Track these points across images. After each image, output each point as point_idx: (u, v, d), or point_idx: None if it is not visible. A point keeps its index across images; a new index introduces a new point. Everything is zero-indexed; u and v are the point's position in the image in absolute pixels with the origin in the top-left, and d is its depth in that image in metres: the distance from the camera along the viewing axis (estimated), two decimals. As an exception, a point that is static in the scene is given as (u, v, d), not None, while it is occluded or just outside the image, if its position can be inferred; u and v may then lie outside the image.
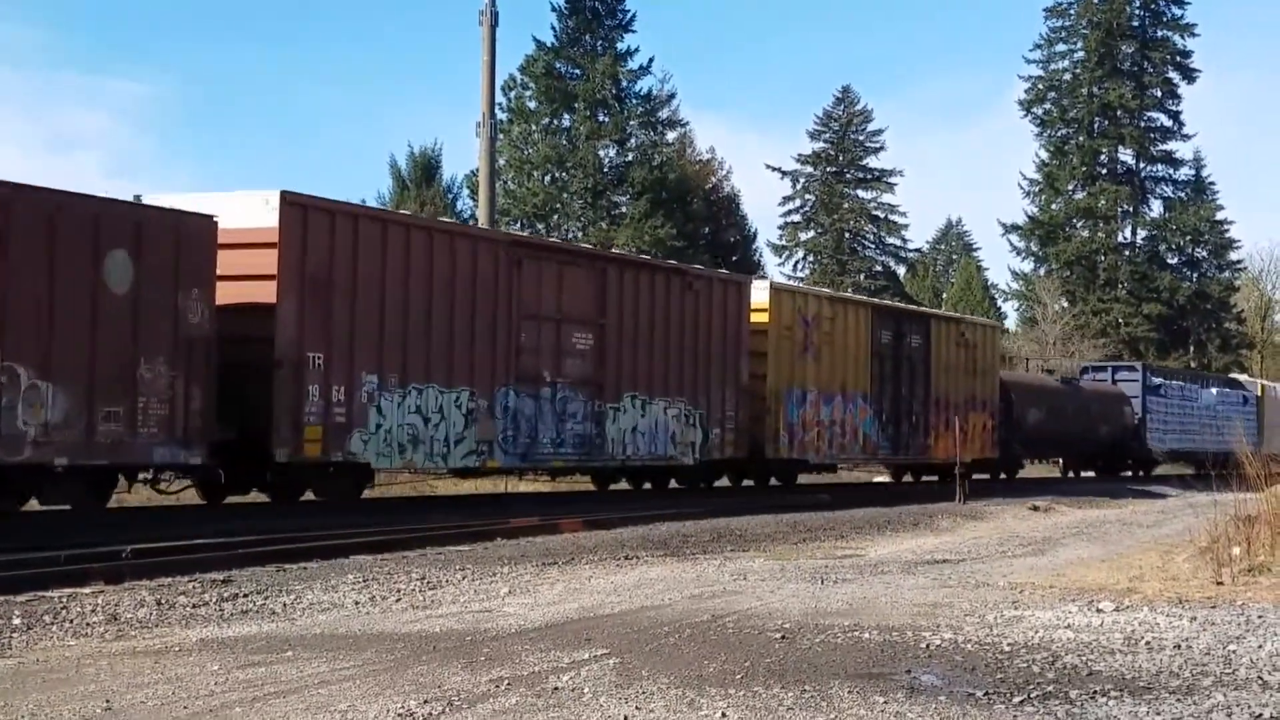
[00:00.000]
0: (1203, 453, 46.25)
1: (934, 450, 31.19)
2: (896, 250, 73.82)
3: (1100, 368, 47.69)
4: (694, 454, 24.10)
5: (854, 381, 28.35)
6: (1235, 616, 10.15)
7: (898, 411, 30.00)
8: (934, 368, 31.24)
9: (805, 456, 27.09)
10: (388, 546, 15.13)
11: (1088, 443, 41.05)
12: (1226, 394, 51.04)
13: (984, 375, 33.62)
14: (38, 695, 7.36)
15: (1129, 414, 43.12)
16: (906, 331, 30.52)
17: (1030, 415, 36.50)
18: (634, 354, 22.80)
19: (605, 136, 56.46)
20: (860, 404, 28.56)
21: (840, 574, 13.46)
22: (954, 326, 32.94)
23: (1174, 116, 73.31)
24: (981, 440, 33.22)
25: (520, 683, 7.64)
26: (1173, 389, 46.69)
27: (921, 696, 7.32)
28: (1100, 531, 20.77)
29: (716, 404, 24.48)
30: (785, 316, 26.21)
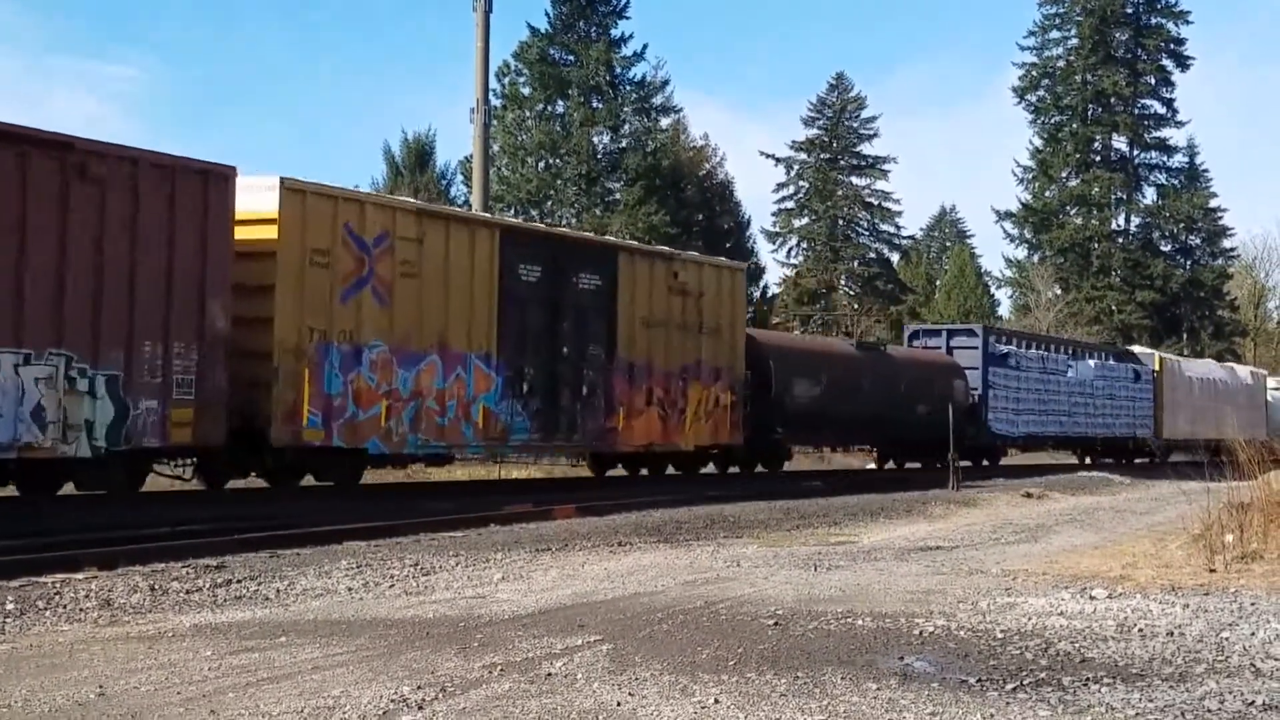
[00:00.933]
0: (1073, 437, 41.88)
1: (623, 435, 23.53)
2: (890, 237, 73.89)
3: (933, 331, 39.15)
4: (91, 440, 15.38)
5: (466, 336, 20.29)
6: (1228, 604, 10.17)
7: (553, 381, 21.98)
8: (622, 320, 23.32)
9: (361, 444, 18.88)
10: (381, 533, 15.14)
11: (898, 425, 32.92)
12: (1112, 368, 44.22)
13: (718, 335, 25.90)
14: (31, 681, 7.35)
15: (961, 389, 34.61)
16: (570, 267, 22.42)
17: (799, 390, 28.39)
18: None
19: (599, 123, 56.45)
20: (479, 368, 20.47)
21: (833, 561, 13.46)
22: (662, 265, 24.68)
23: (1167, 104, 73.52)
24: (714, 421, 25.80)
25: (513, 668, 7.64)
26: (1029, 359, 38.76)
27: (914, 683, 7.32)
28: (1094, 518, 20.79)
29: (151, 361, 15.96)
30: (316, 233, 18.09)
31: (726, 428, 26.11)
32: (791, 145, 72.20)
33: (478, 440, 20.72)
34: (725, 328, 26.14)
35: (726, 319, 26.24)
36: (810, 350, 31.25)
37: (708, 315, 25.60)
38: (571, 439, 22.74)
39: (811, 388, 28.84)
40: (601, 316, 23.03)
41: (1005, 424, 36.78)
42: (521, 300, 21.32)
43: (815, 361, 29.81)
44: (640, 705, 6.76)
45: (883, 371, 32.02)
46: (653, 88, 58.24)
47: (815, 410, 28.87)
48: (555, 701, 6.81)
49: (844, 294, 69.79)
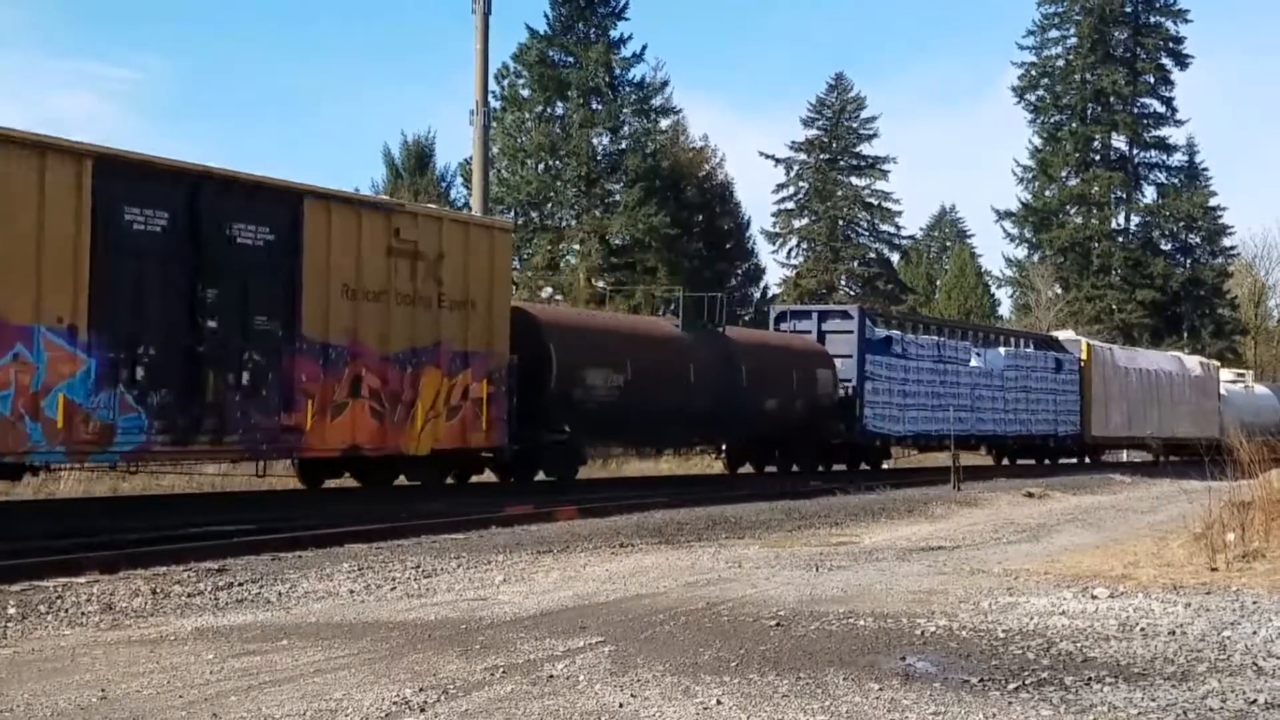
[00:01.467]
0: (979, 436, 36.31)
1: (311, 436, 18.05)
2: (890, 238, 73.76)
3: (803, 313, 33.29)
4: None
5: (33, 303, 14.84)
6: (1230, 603, 10.16)
7: (193, 365, 16.54)
8: (310, 288, 18.04)
9: None
10: (382, 535, 15.15)
11: (739, 422, 27.95)
12: (1028, 356, 38.78)
13: (469, 310, 20.45)
14: (33, 685, 7.35)
15: (827, 380, 29.71)
16: (223, 215, 17.01)
17: (594, 379, 23.03)
18: None
19: (598, 124, 56.40)
20: (55, 346, 15.01)
21: (835, 561, 13.46)
22: (377, 219, 19.27)
23: (1167, 103, 73.44)
24: (461, 419, 20.25)
25: (515, 671, 7.64)
26: (920, 347, 33.36)
27: (916, 683, 7.32)
28: (1095, 518, 20.79)
29: None
30: None
31: (481, 427, 20.54)
32: (791, 146, 72.12)
33: (56, 445, 15.03)
34: (480, 301, 20.66)
35: (481, 291, 20.71)
36: (610, 330, 25.14)
37: (451, 285, 20.16)
38: (224, 441, 16.92)
39: (613, 376, 23.39)
40: (277, 282, 17.63)
41: (887, 420, 31.62)
42: (135, 256, 15.85)
43: (617, 345, 24.13)
44: (642, 706, 6.76)
45: (716, 358, 26.65)
46: (652, 89, 58.21)
47: (619, 404, 23.49)
48: (557, 703, 6.81)
49: (844, 294, 69.73)
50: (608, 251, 55.33)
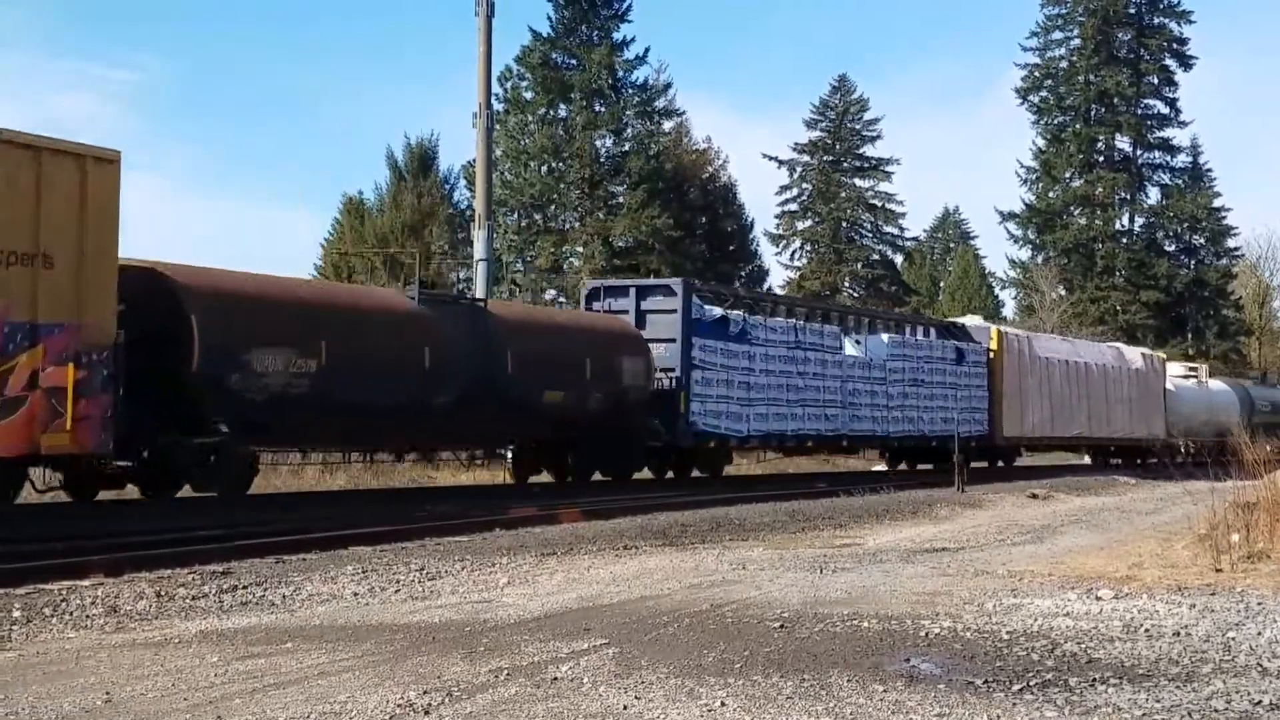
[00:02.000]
0: (853, 437, 31.90)
1: None
2: (894, 239, 73.83)
3: (618, 289, 28.22)
4: None
5: None
6: (1234, 604, 10.15)
7: None
8: None
9: None
10: (387, 538, 15.16)
11: (504, 422, 22.94)
12: (918, 345, 34.27)
13: (46, 267, 15.06)
14: (38, 687, 7.36)
15: (635, 369, 24.94)
16: None
17: (260, 365, 18.00)
18: None
19: (601, 126, 56.45)
20: None
21: (839, 563, 13.45)
22: None
23: (1171, 104, 73.45)
24: (28, 416, 14.78)
25: (519, 673, 7.64)
26: (770, 330, 28.53)
27: (921, 685, 7.32)
28: (1099, 519, 20.78)
29: None
30: None
31: (64, 426, 15.02)
32: (794, 147, 72.24)
33: None
34: (61, 256, 15.18)
35: (65, 241, 15.22)
36: (294, 301, 19.42)
37: (4, 231, 14.74)
38: None
39: (298, 361, 18.38)
40: None
41: (724, 418, 26.69)
42: None
43: (305, 319, 18.95)
44: (646, 709, 6.76)
45: (468, 340, 21.52)
46: (655, 91, 58.24)
47: (310, 397, 18.55)
48: (561, 705, 6.81)
49: (848, 296, 69.76)
50: (611, 254, 55.34)
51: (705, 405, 26.25)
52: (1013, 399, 37.35)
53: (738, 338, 27.34)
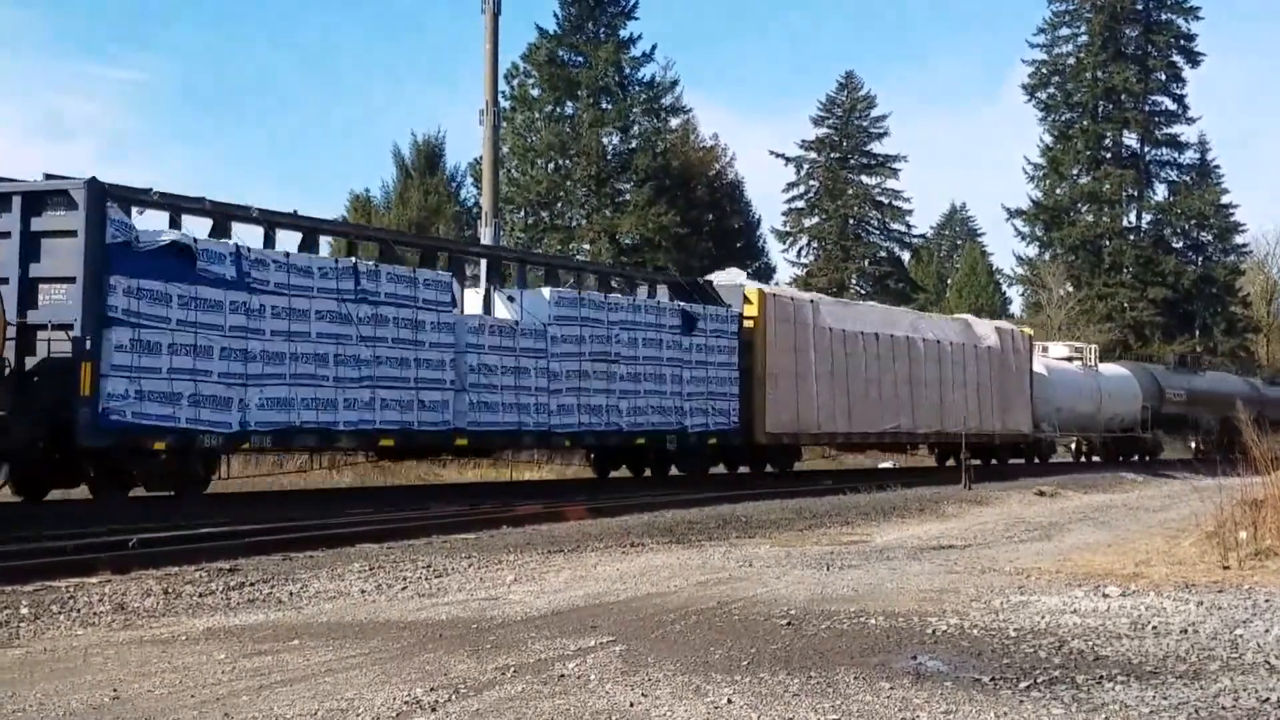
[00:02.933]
0: (480, 433, 22.41)
1: None
2: (901, 236, 73.78)
3: None
4: None
5: None
6: (1242, 601, 10.14)
7: None
8: None
9: None
10: (393, 535, 15.18)
11: None
12: (615, 305, 25.03)
13: None
14: (45, 685, 7.37)
15: None
16: None
17: None
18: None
19: (608, 124, 56.47)
20: None
21: (846, 560, 13.45)
22: None
23: (1178, 100, 73.30)
24: None
25: (526, 670, 7.64)
26: (292, 271, 19.31)
27: (927, 682, 7.31)
28: (1107, 516, 20.76)
29: None
30: None
31: None
32: (801, 144, 72.19)
33: None
34: None
35: None
36: None
37: None
38: None
39: None
40: None
41: (183, 404, 17.73)
42: None
43: None
44: (653, 706, 6.76)
45: None
46: (662, 88, 58.25)
47: None
48: (568, 702, 6.81)
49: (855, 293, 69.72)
50: (618, 251, 55.35)
51: (141, 384, 17.22)
52: (785, 382, 28.47)
53: (221, 280, 18.30)
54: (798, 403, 28.99)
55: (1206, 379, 50.82)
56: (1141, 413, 44.90)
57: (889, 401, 32.19)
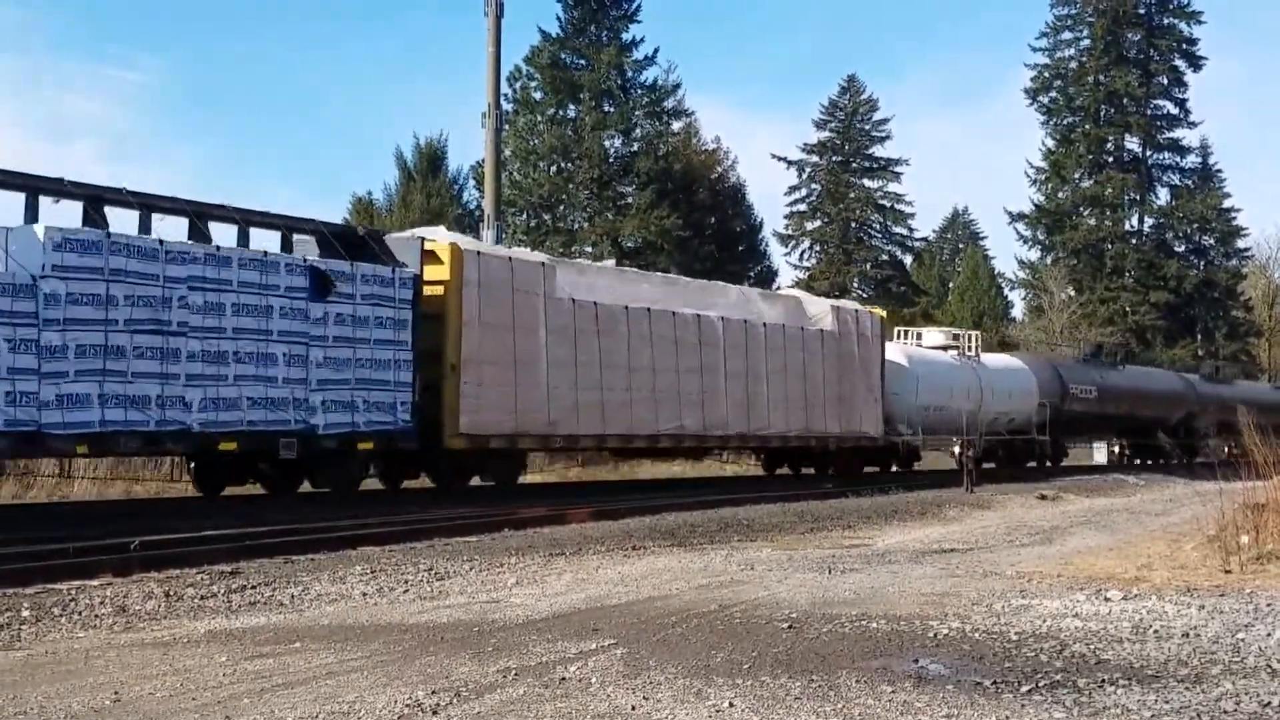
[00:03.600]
0: None
1: None
2: (903, 239, 73.76)
3: None
4: None
5: None
6: (1244, 605, 10.14)
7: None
8: None
9: None
10: (395, 538, 15.17)
11: None
12: (162, 253, 17.37)
13: None
14: (47, 687, 7.37)
15: None
16: None
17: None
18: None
19: (610, 127, 56.44)
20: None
21: (848, 564, 13.45)
22: None
23: (1180, 104, 73.34)
24: None
25: (528, 673, 7.64)
26: None
27: (929, 686, 7.31)
28: (1108, 520, 20.75)
29: None
30: None
31: None
32: (803, 148, 72.19)
33: None
34: None
35: None
36: None
37: None
38: None
39: None
40: None
41: None
42: None
43: None
44: (654, 709, 6.76)
45: None
46: (664, 91, 58.22)
47: None
48: (569, 706, 6.81)
49: (857, 297, 69.71)
50: (620, 254, 55.30)
51: None
52: (496, 371, 21.87)
53: None
54: (517, 396, 22.20)
55: (1125, 374, 45.25)
56: (1039, 412, 38.12)
57: (667, 395, 25.29)
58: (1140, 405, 44.36)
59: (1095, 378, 42.20)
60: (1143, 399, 44.68)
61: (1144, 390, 45.00)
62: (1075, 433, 43.66)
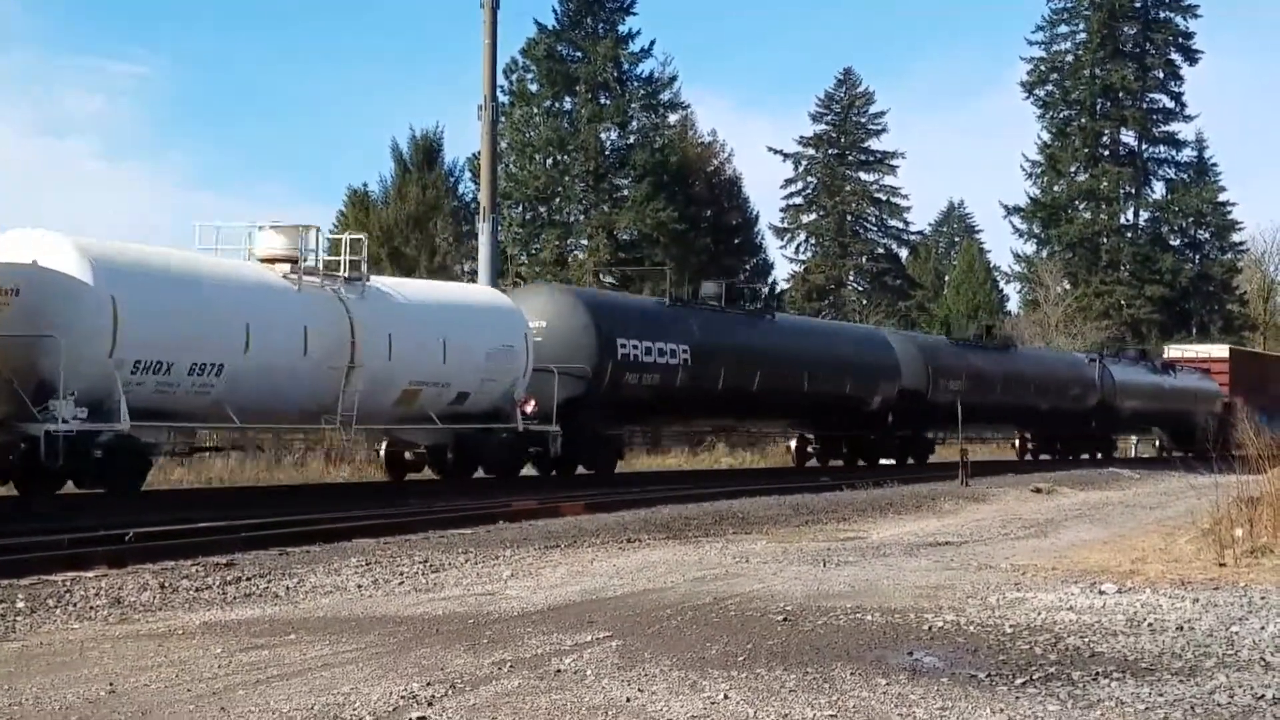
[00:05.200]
0: None
1: None
2: (898, 233, 73.87)
3: None
4: None
5: None
6: (1238, 598, 10.15)
7: None
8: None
9: None
10: (390, 530, 15.15)
11: None
12: None
13: None
14: (42, 678, 7.36)
15: None
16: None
17: None
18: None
19: (607, 119, 56.43)
20: None
21: (842, 556, 13.45)
22: None
23: (1176, 98, 73.47)
24: None
25: (523, 665, 7.64)
26: None
27: (924, 678, 7.32)
28: (1103, 513, 20.76)
29: None
30: None
31: None
32: (800, 141, 72.26)
33: None
34: None
35: None
36: None
37: None
38: None
39: None
40: None
41: None
42: None
43: None
44: (649, 701, 6.76)
45: None
46: (660, 84, 58.25)
47: None
48: (565, 698, 6.81)
49: (852, 290, 69.73)
50: (615, 246, 55.35)
51: None
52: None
53: None
54: None
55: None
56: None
57: None
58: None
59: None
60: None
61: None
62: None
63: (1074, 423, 43.20)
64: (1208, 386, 50.10)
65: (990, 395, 37.19)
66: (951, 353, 37.52)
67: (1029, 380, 40.08)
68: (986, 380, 37.23)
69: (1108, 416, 44.19)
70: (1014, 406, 39.34)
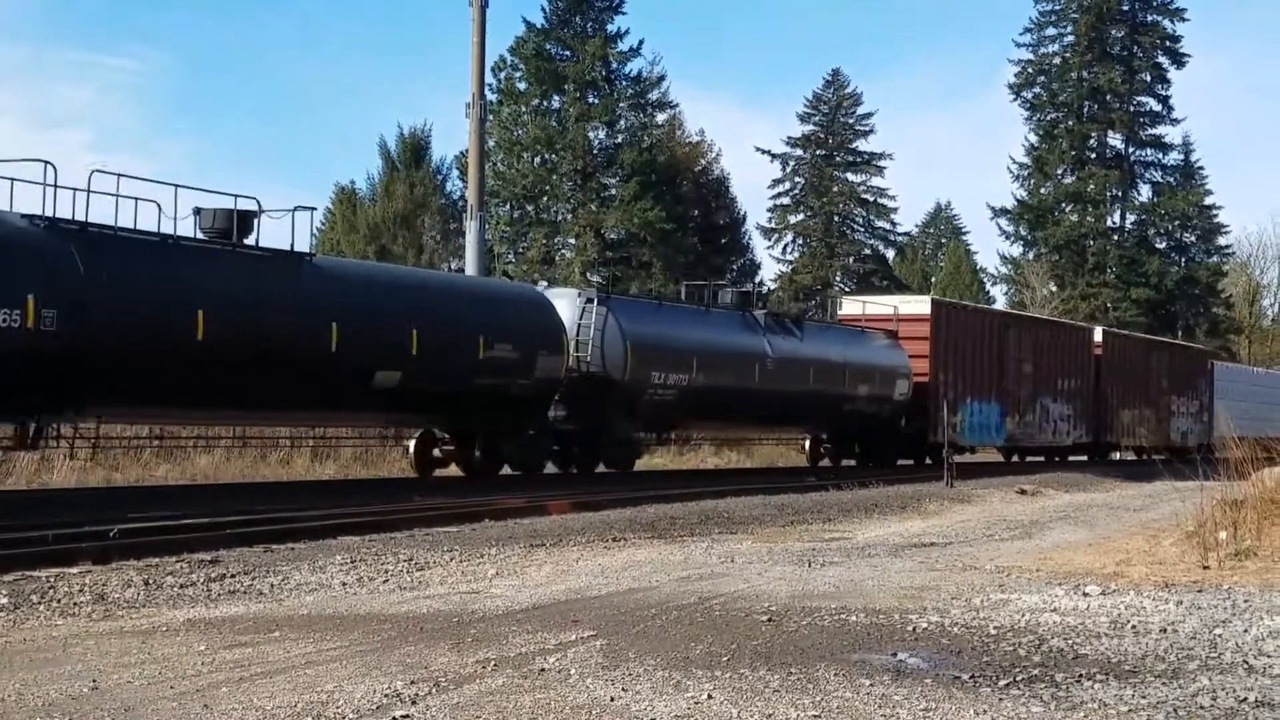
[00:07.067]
0: None
1: None
2: (886, 234, 73.86)
3: None
4: None
5: None
6: (1221, 600, 10.18)
7: None
8: None
9: None
10: (375, 528, 15.12)
11: None
12: None
13: None
14: (24, 674, 7.35)
15: None
16: None
17: None
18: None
19: (595, 118, 56.39)
20: None
21: (827, 557, 13.47)
22: None
23: (1163, 101, 73.51)
24: None
25: (507, 664, 7.64)
26: None
27: (907, 679, 7.33)
28: (1087, 515, 20.81)
29: None
30: None
31: None
32: (787, 141, 72.16)
33: None
34: None
35: None
36: None
37: None
38: None
39: None
40: None
41: None
42: None
43: None
44: (633, 700, 6.76)
45: None
46: (649, 83, 58.18)
47: None
48: (548, 697, 6.81)
49: (839, 290, 69.76)
50: (603, 245, 55.34)
51: None
52: None
53: None
54: None
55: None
56: None
57: None
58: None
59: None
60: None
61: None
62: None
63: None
64: (888, 358, 33.20)
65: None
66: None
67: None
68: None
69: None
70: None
